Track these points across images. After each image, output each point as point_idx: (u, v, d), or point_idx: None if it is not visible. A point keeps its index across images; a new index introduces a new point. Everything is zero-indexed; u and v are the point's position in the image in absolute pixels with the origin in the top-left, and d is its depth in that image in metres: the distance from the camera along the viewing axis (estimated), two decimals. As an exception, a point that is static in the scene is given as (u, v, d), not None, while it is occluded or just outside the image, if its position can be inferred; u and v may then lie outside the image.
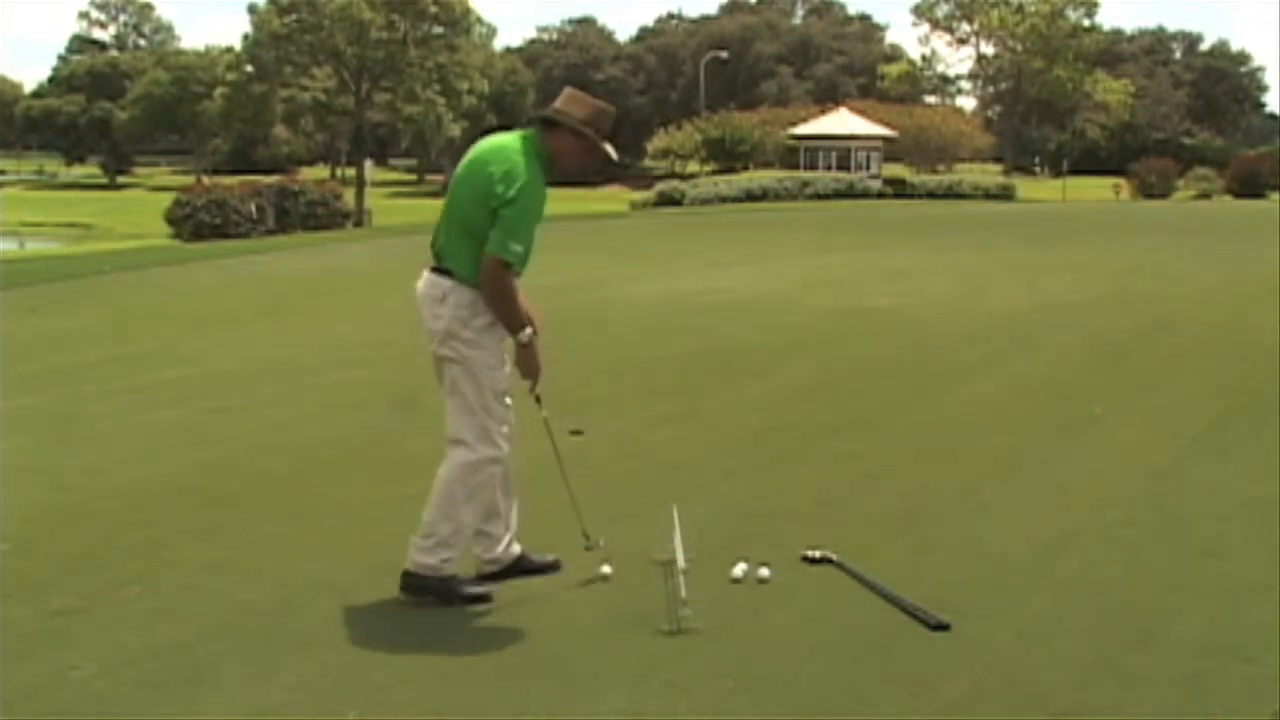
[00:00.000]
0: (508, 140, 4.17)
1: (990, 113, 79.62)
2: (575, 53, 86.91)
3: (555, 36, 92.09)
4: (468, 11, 61.21)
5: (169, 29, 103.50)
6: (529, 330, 4.12)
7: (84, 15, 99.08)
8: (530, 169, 4.06)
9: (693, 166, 60.36)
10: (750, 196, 39.13)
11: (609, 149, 4.23)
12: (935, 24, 78.49)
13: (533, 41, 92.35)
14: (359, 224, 35.28)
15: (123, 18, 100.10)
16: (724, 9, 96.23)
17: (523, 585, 4.32)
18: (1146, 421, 6.92)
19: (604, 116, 4.20)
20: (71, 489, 5.67)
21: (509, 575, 4.38)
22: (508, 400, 4.22)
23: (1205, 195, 49.59)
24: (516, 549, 4.44)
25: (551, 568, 4.45)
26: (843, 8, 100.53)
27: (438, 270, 4.15)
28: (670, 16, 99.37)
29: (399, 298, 4.31)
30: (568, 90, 4.31)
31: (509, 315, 4.09)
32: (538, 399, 4.30)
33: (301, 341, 10.38)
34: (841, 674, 3.61)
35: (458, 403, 4.15)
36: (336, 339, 10.44)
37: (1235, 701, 3.43)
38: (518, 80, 75.95)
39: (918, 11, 78.74)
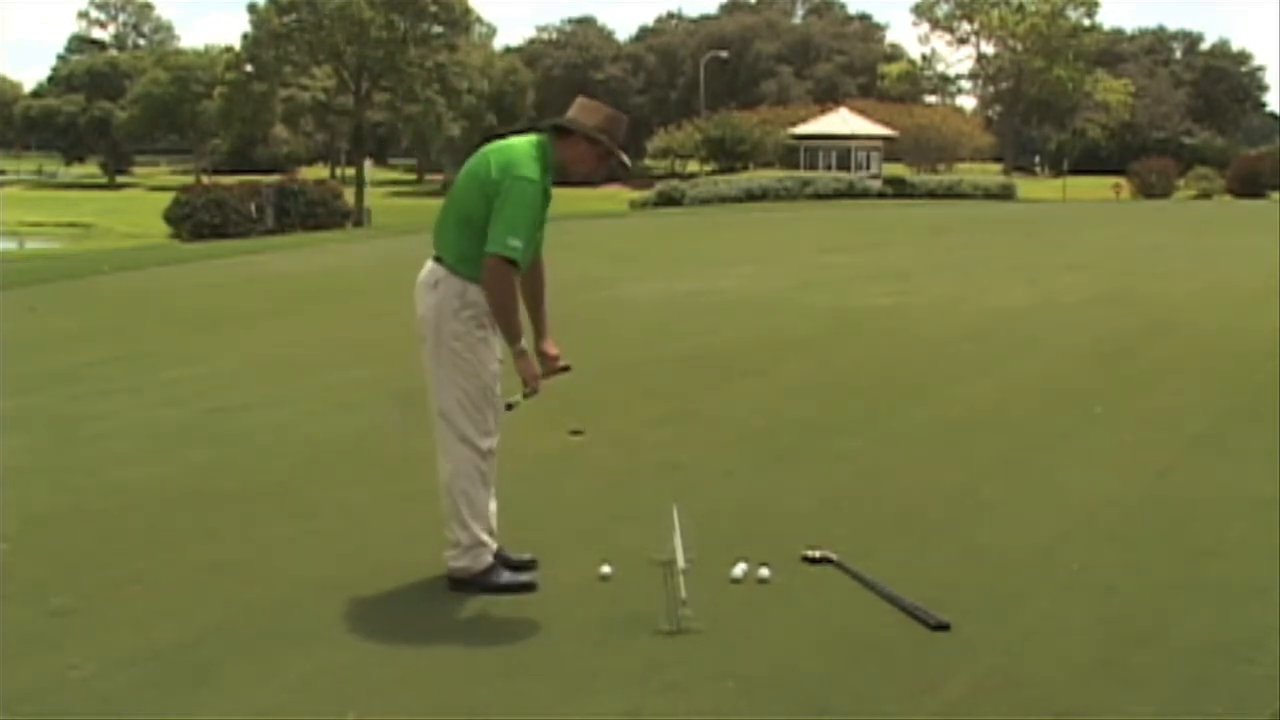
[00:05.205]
0: (516, 140, 4.22)
1: (990, 112, 79.61)
2: (575, 52, 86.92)
3: (555, 36, 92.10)
4: (467, 11, 61.24)
5: (168, 28, 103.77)
6: (522, 344, 4.13)
7: (83, 15, 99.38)
8: (532, 167, 4.08)
9: (693, 166, 60.42)
10: (750, 196, 39.10)
11: (624, 156, 4.27)
12: (935, 23, 78.40)
13: (532, 41, 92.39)
14: (358, 223, 35.34)
15: (122, 17, 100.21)
16: (724, 9, 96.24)
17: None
18: (1146, 421, 6.92)
19: (617, 124, 4.25)
20: (71, 489, 5.67)
21: None
22: (497, 391, 4.21)
23: (1205, 195, 49.56)
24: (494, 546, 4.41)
25: (528, 566, 4.40)
26: (843, 7, 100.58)
27: (435, 259, 4.20)
28: (670, 16, 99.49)
29: (399, 297, 4.31)
30: (580, 99, 4.35)
31: (506, 320, 4.10)
32: (525, 397, 4.25)
33: (301, 341, 10.38)
34: (841, 674, 3.61)
35: (444, 400, 4.15)
36: (336, 338, 10.44)
37: (1235, 701, 3.43)
38: (517, 80, 75.95)
39: (918, 11, 78.67)
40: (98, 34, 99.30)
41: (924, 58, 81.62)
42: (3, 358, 9.36)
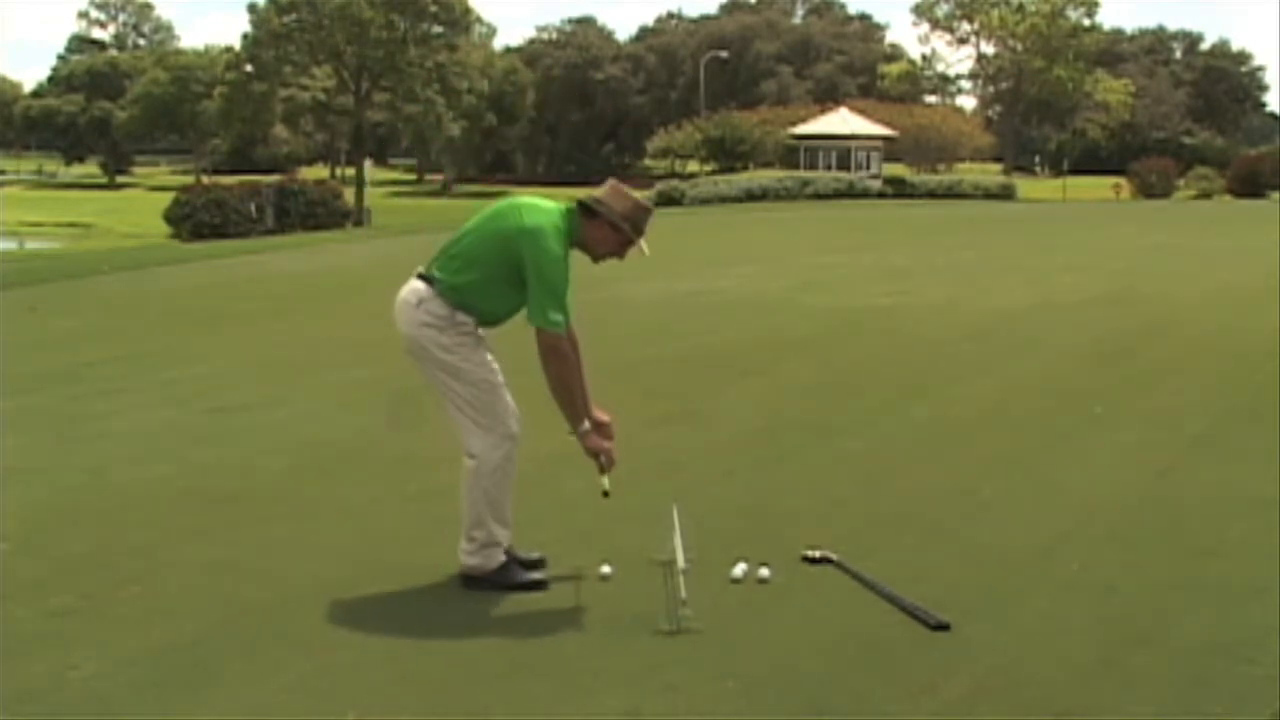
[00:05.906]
0: (548, 205, 4.27)
1: (990, 112, 79.56)
2: (575, 52, 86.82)
3: (555, 36, 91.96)
4: (467, 11, 61.12)
5: (168, 28, 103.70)
6: (586, 424, 4.19)
7: (83, 15, 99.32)
8: (558, 239, 4.14)
9: (693, 166, 60.37)
10: (750, 196, 39.13)
11: (643, 245, 4.32)
12: (935, 23, 78.37)
13: (533, 41, 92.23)
14: (358, 223, 35.35)
15: (122, 17, 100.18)
16: (724, 9, 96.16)
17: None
18: (1146, 421, 6.92)
19: (642, 214, 4.31)
20: (71, 489, 5.67)
21: None
22: (506, 396, 4.23)
23: (1205, 195, 49.55)
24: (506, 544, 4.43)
25: (538, 565, 4.42)
26: (843, 7, 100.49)
27: (421, 277, 4.22)
28: (670, 16, 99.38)
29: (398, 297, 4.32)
30: (612, 181, 4.41)
31: (569, 399, 4.16)
32: (603, 473, 4.30)
33: (301, 341, 10.39)
34: (841, 674, 3.61)
35: (452, 410, 4.21)
36: (336, 338, 10.44)
37: (1235, 701, 3.43)
38: (517, 80, 75.83)
39: (918, 11, 78.63)
40: (98, 34, 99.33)
41: (924, 58, 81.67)
42: (3, 358, 9.37)
